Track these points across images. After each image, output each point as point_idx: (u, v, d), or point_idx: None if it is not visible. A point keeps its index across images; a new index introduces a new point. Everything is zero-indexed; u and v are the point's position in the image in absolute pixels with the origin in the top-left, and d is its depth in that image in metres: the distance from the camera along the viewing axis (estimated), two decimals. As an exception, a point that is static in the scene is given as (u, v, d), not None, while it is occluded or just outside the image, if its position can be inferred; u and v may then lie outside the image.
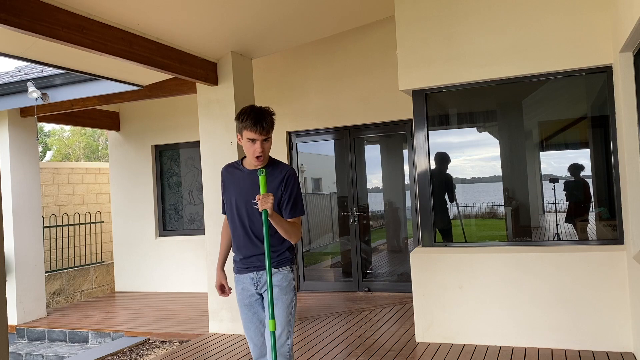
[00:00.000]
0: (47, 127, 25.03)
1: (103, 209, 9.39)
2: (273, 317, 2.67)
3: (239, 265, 2.97)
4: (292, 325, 2.91)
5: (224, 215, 3.05)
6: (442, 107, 5.28)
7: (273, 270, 2.85)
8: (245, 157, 2.94)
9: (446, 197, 5.24)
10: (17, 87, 6.46)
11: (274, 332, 2.67)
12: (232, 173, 2.95)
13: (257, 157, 2.79)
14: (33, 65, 6.63)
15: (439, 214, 5.15)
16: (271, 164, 2.90)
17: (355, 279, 7.30)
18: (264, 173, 2.64)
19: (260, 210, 2.64)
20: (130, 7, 4.17)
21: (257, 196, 2.64)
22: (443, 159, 5.17)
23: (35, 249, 7.28)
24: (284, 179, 2.84)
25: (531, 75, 4.65)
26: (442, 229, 5.17)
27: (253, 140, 2.76)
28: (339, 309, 6.34)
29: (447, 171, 5.22)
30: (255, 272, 2.91)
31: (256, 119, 2.72)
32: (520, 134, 5.21)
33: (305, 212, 3.03)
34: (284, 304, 2.88)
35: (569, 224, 4.95)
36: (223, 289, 3.08)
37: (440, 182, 5.19)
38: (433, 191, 5.08)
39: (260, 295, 2.96)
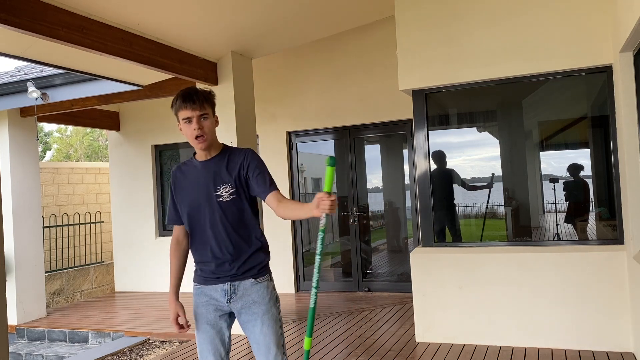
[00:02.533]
0: (48, 127, 25.04)
1: (103, 209, 9.39)
2: (310, 335, 2.35)
3: (206, 274, 2.51)
4: (284, 341, 2.54)
5: (172, 234, 2.69)
6: (442, 107, 5.28)
7: (251, 282, 2.46)
8: (195, 153, 2.56)
9: (454, 192, 5.25)
10: (17, 87, 6.46)
11: (308, 352, 2.41)
12: (185, 172, 2.55)
13: (196, 137, 2.39)
14: (33, 65, 6.62)
15: (445, 212, 5.16)
16: (227, 150, 2.51)
17: (355, 279, 7.30)
18: (333, 163, 2.12)
19: (326, 213, 2.13)
20: (130, 7, 4.17)
21: (320, 195, 2.12)
22: (440, 156, 5.16)
23: (35, 249, 7.28)
24: (245, 160, 2.45)
25: (531, 75, 4.65)
26: (451, 228, 5.18)
27: (189, 120, 2.39)
28: (339, 309, 6.34)
29: (447, 167, 5.22)
30: (229, 283, 2.46)
31: (185, 95, 2.40)
32: (520, 134, 5.21)
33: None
34: (272, 321, 2.46)
35: (569, 224, 4.96)
36: (181, 325, 2.56)
37: (443, 180, 5.19)
38: (436, 190, 5.08)
39: (230, 313, 2.53)
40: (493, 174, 5.13)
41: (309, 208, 2.22)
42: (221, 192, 2.43)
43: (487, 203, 5.18)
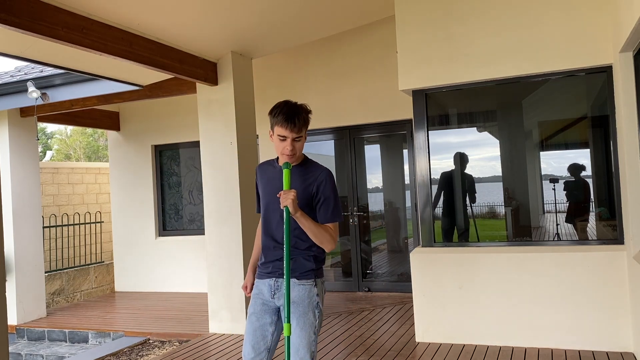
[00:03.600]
0: (50, 127, 25.04)
1: (103, 209, 9.39)
2: (289, 320, 2.43)
3: (260, 269, 2.70)
4: (316, 348, 2.58)
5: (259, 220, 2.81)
6: (442, 107, 5.28)
7: (294, 281, 2.56)
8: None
9: (467, 197, 5.27)
10: (17, 87, 6.46)
11: (289, 338, 2.44)
12: (265, 170, 2.74)
13: (286, 155, 2.55)
14: (33, 65, 6.63)
15: (455, 213, 5.17)
16: (305, 163, 2.67)
17: (355, 279, 7.29)
18: (289, 167, 2.47)
19: (281, 207, 2.42)
20: (130, 7, 4.17)
21: (279, 193, 2.45)
22: (463, 158, 5.18)
23: (35, 249, 7.28)
24: (318, 179, 2.59)
25: (531, 75, 4.65)
26: (458, 229, 5.19)
27: (284, 138, 2.51)
28: (339, 309, 6.34)
29: (466, 171, 5.23)
30: (274, 279, 2.61)
31: (288, 115, 2.49)
32: (520, 134, 5.21)
33: (342, 218, 2.82)
34: (307, 325, 2.52)
35: (569, 224, 4.95)
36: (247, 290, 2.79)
37: (460, 182, 5.21)
38: (452, 191, 5.11)
39: (276, 309, 2.63)
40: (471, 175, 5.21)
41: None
42: (278, 196, 2.52)
43: (471, 204, 5.23)
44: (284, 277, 2.46)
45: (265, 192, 2.67)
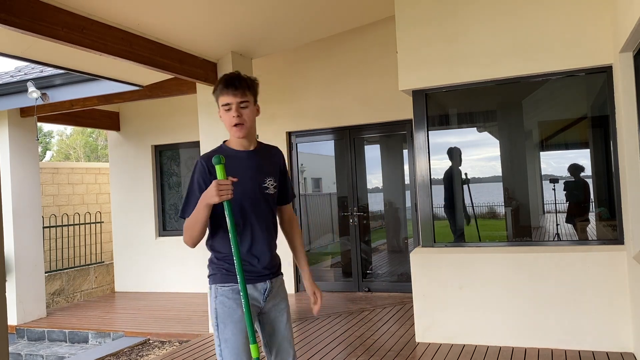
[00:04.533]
0: (47, 127, 25.05)
1: (103, 209, 9.39)
2: (255, 342, 2.20)
3: (250, 273, 2.31)
4: None
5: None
6: (442, 107, 5.28)
7: (280, 278, 2.47)
8: (225, 141, 2.45)
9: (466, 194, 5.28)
10: (17, 87, 6.46)
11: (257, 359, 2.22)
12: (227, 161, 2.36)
13: (234, 125, 2.29)
14: (33, 65, 6.62)
15: (457, 212, 5.18)
16: (263, 144, 2.48)
17: (355, 279, 7.29)
18: (222, 161, 2.15)
19: (222, 200, 2.11)
20: (130, 7, 4.17)
21: (221, 182, 2.12)
22: (456, 154, 5.19)
23: (35, 249, 7.28)
24: (280, 156, 2.52)
25: (531, 75, 4.65)
26: (457, 229, 5.20)
27: (228, 106, 2.29)
28: (339, 309, 6.34)
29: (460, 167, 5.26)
30: (269, 281, 2.37)
31: (228, 80, 2.31)
32: (520, 134, 5.21)
33: None
34: (289, 316, 2.48)
35: (569, 224, 4.96)
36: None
37: (457, 180, 5.23)
38: (451, 188, 5.12)
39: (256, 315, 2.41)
40: (466, 174, 5.20)
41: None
42: (267, 185, 2.38)
43: (465, 201, 5.23)
44: (239, 283, 2.17)
45: (246, 186, 2.29)
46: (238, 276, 2.18)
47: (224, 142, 2.46)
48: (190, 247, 2.31)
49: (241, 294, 2.18)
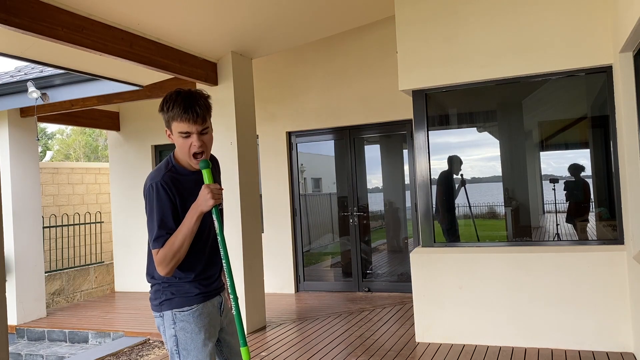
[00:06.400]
0: (50, 128, 25.06)
1: (103, 209, 9.39)
2: (245, 344, 2.13)
3: (201, 290, 2.23)
4: None
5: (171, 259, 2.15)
6: (442, 107, 5.28)
7: (223, 292, 2.39)
8: (171, 156, 2.26)
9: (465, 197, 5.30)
10: (17, 87, 6.46)
11: None
12: (183, 182, 2.19)
13: (194, 154, 2.13)
14: (33, 65, 6.63)
15: (451, 213, 5.19)
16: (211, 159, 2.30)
17: (355, 279, 7.29)
18: (209, 165, 2.13)
19: (216, 204, 2.09)
20: (130, 8, 4.17)
21: (208, 189, 2.08)
22: (455, 162, 5.22)
23: (35, 249, 7.28)
24: (219, 166, 2.40)
25: (531, 75, 4.65)
26: (451, 229, 5.21)
27: (187, 134, 2.10)
28: (339, 309, 6.34)
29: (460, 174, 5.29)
30: (220, 295, 2.34)
31: (186, 105, 2.06)
32: (520, 134, 5.22)
33: None
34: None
35: (569, 224, 4.96)
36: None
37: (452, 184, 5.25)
38: (445, 191, 5.13)
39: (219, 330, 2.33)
40: (462, 174, 5.23)
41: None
42: (222, 203, 2.23)
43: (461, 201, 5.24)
44: (229, 290, 2.15)
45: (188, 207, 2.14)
46: (228, 280, 2.15)
47: (173, 155, 2.25)
48: (165, 276, 2.15)
49: (231, 296, 2.15)
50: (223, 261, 2.16)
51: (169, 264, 2.10)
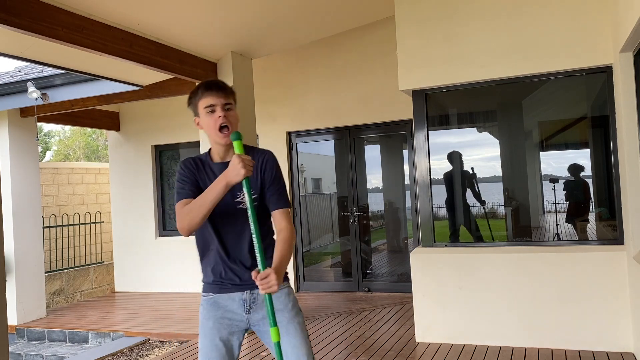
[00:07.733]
0: (47, 127, 25.05)
1: (103, 209, 9.39)
2: (275, 324, 2.03)
3: (216, 279, 2.27)
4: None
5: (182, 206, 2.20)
6: (442, 107, 5.28)
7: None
8: (209, 150, 2.31)
9: (470, 193, 5.28)
10: (17, 87, 6.46)
11: (278, 343, 2.05)
12: (199, 168, 2.27)
13: (221, 127, 2.13)
14: (33, 65, 6.63)
15: (464, 211, 5.21)
16: (247, 151, 2.18)
17: (355, 279, 7.29)
18: (240, 137, 2.05)
19: (247, 175, 2.00)
20: (130, 8, 4.17)
21: (240, 159, 1.98)
22: (457, 157, 5.20)
23: (35, 249, 7.28)
24: (264, 162, 2.23)
25: (531, 75, 4.65)
26: (469, 228, 5.22)
27: (212, 108, 2.14)
28: (339, 309, 6.34)
29: (465, 168, 5.25)
30: (249, 291, 2.23)
31: (209, 83, 2.18)
32: (520, 134, 5.21)
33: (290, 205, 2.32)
34: (300, 329, 2.22)
35: (569, 224, 4.96)
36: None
37: (461, 180, 5.23)
38: (453, 189, 5.12)
39: (245, 330, 2.29)
40: (472, 167, 5.21)
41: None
42: (241, 199, 2.17)
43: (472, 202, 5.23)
44: (260, 265, 2.04)
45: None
46: (258, 255, 2.04)
47: (209, 151, 2.33)
48: (184, 235, 2.16)
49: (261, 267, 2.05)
50: (253, 236, 2.05)
51: (185, 219, 2.13)
